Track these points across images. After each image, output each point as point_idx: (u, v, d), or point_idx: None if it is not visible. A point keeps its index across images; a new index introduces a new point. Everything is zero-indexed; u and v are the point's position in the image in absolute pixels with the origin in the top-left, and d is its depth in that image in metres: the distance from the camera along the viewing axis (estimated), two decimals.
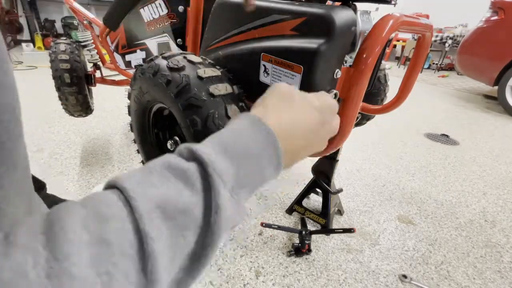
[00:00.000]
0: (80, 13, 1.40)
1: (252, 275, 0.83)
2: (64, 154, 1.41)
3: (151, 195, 0.21)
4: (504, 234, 1.11)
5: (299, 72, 0.44)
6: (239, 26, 0.53)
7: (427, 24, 0.64)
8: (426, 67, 5.85)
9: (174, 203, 0.21)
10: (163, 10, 0.94)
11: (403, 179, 1.45)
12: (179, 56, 0.55)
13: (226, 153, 0.25)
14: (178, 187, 0.22)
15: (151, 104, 0.68)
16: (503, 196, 1.37)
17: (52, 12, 4.95)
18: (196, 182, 0.23)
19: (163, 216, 0.20)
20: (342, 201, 1.19)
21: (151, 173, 0.23)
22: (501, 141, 2.10)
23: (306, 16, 0.43)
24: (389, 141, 1.92)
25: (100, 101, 2.18)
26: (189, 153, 0.24)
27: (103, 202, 0.20)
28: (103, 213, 0.19)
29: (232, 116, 0.51)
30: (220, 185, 0.23)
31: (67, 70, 1.24)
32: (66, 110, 1.41)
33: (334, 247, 0.96)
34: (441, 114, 2.70)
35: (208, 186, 0.23)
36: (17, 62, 3.46)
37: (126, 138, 1.65)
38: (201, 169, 0.23)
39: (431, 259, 0.95)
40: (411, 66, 0.74)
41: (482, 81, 3.20)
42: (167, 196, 0.21)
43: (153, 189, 0.21)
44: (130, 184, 0.21)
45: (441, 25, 5.40)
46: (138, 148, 0.84)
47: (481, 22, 3.02)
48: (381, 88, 1.07)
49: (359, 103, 0.54)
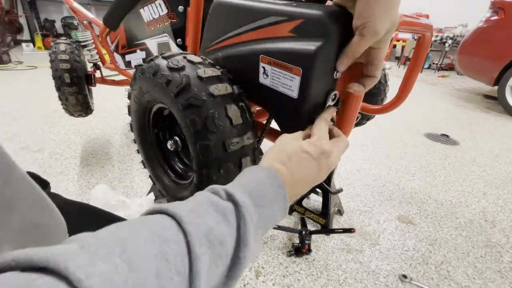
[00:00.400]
0: (80, 13, 1.40)
1: (252, 275, 0.83)
2: (64, 154, 1.41)
3: (199, 223, 0.24)
4: (504, 234, 1.11)
5: (298, 74, 0.44)
6: (237, 28, 0.53)
7: (427, 24, 0.64)
8: (426, 67, 5.85)
9: (215, 233, 0.25)
10: (163, 10, 0.94)
11: (403, 179, 1.45)
12: (179, 56, 0.55)
13: (253, 199, 0.30)
14: (218, 221, 0.26)
15: (151, 104, 0.68)
16: (503, 196, 1.37)
17: (52, 12, 4.96)
18: (232, 219, 0.27)
19: (208, 243, 0.24)
20: (342, 201, 1.19)
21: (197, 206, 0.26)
22: (501, 141, 2.10)
23: (304, 18, 0.43)
24: (389, 141, 1.92)
25: (100, 101, 2.18)
26: (226, 195, 0.29)
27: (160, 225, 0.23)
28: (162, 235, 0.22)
29: (232, 116, 0.51)
30: (251, 225, 0.27)
31: (67, 70, 1.24)
32: (66, 110, 1.41)
33: (334, 247, 0.96)
34: (441, 114, 2.70)
35: (241, 224, 0.27)
36: (17, 62, 3.46)
37: (126, 138, 1.65)
38: (236, 209, 0.28)
39: (431, 259, 0.95)
40: (411, 66, 0.74)
41: (482, 81, 3.20)
42: (211, 227, 0.25)
43: (200, 219, 0.25)
44: (181, 212, 0.25)
45: (441, 25, 5.40)
46: (138, 148, 0.84)
47: (481, 22, 3.02)
48: (381, 88, 1.07)
49: (359, 103, 0.54)
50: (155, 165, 0.82)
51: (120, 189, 1.18)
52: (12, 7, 4.48)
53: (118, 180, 1.24)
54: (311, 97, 0.45)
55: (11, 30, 4.47)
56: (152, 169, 0.82)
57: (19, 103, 2.06)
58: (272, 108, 0.56)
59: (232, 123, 0.51)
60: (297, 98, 0.47)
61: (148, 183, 1.21)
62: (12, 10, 4.47)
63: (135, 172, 1.31)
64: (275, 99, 0.51)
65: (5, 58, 3.35)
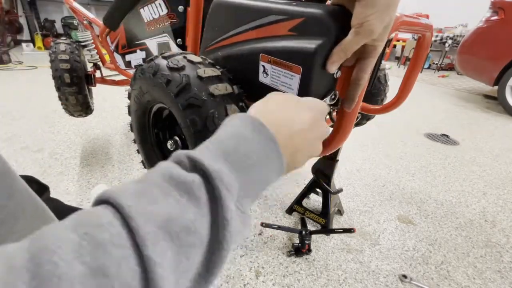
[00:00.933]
0: (80, 13, 1.40)
1: (252, 275, 0.83)
2: (64, 154, 1.41)
3: (152, 213, 0.18)
4: (504, 234, 1.11)
5: (298, 73, 0.44)
6: (237, 27, 0.53)
7: (427, 24, 0.64)
8: (426, 67, 5.85)
9: (177, 221, 0.19)
10: (163, 10, 0.94)
11: (403, 179, 1.45)
12: (179, 56, 0.55)
13: (230, 163, 0.23)
14: (182, 202, 0.20)
15: (151, 104, 0.68)
16: (503, 196, 1.37)
17: (52, 12, 4.96)
18: (201, 196, 0.21)
19: (166, 237, 0.18)
20: (342, 201, 1.19)
21: (150, 187, 0.20)
22: (501, 141, 2.10)
23: (304, 16, 0.43)
24: (389, 141, 1.92)
25: (100, 101, 2.19)
26: (191, 163, 0.22)
27: (96, 223, 0.17)
28: (98, 238, 0.16)
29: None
30: (228, 199, 0.21)
31: (67, 70, 1.24)
32: (66, 110, 1.41)
33: (334, 247, 0.96)
34: (441, 114, 2.70)
35: (214, 200, 0.21)
36: (17, 62, 3.46)
37: (126, 138, 1.65)
38: (206, 181, 0.21)
39: (431, 259, 0.95)
40: (411, 66, 0.74)
41: (482, 81, 3.19)
42: (170, 213, 0.19)
43: (154, 205, 0.19)
44: (127, 200, 0.18)
45: (441, 25, 5.40)
46: (138, 148, 0.84)
47: (481, 22, 3.02)
48: (381, 88, 1.07)
49: (359, 103, 0.54)
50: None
51: None
52: (12, 7, 4.48)
53: (118, 180, 1.24)
54: (311, 95, 0.45)
55: (11, 30, 4.47)
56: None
57: (19, 103, 2.06)
58: None
59: None
60: None
61: None
62: (12, 10, 4.47)
63: (135, 172, 1.31)
64: None
65: (5, 58, 3.35)
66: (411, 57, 0.73)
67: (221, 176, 0.22)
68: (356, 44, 0.37)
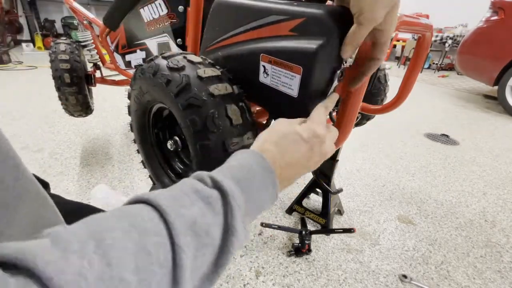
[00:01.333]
0: (80, 13, 1.40)
1: (252, 275, 0.83)
2: (64, 154, 1.41)
3: (183, 214, 0.23)
4: (504, 234, 1.11)
5: (299, 73, 0.44)
6: (237, 27, 0.53)
7: (427, 24, 0.64)
8: (426, 67, 5.85)
9: (200, 223, 0.24)
10: (163, 10, 0.94)
11: (403, 179, 1.45)
12: (179, 56, 0.55)
13: (240, 187, 0.29)
14: (203, 210, 0.25)
15: (151, 104, 0.68)
16: (503, 196, 1.37)
17: (52, 12, 4.96)
18: (218, 207, 0.26)
19: (192, 234, 0.23)
20: (342, 201, 1.19)
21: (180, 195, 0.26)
22: (501, 141, 2.10)
23: (305, 17, 0.43)
24: (389, 141, 1.92)
25: (100, 101, 2.19)
26: (212, 182, 0.28)
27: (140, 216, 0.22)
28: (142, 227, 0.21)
29: (232, 116, 0.51)
30: (238, 212, 0.27)
31: (67, 70, 1.24)
32: (66, 110, 1.41)
33: (334, 247, 0.96)
34: (441, 114, 2.70)
35: (227, 212, 0.26)
36: (17, 62, 3.46)
37: (126, 138, 1.65)
38: (222, 197, 0.27)
39: (431, 259, 0.95)
40: (411, 66, 0.74)
41: (482, 81, 3.19)
42: (195, 217, 0.24)
43: (183, 209, 0.24)
44: (164, 202, 0.24)
45: (441, 25, 5.40)
46: (138, 148, 0.84)
47: (481, 22, 3.02)
48: (381, 88, 1.07)
49: (359, 102, 0.54)
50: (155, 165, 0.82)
51: (120, 189, 1.18)
52: (12, 7, 4.48)
53: (118, 180, 1.24)
54: (311, 96, 0.45)
55: (11, 30, 4.47)
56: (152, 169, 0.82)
57: (19, 103, 2.06)
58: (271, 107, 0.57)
59: (232, 123, 0.51)
60: (297, 97, 0.47)
61: (148, 183, 1.20)
62: (12, 10, 4.47)
63: (135, 172, 1.31)
64: (275, 98, 0.51)
65: (5, 58, 3.35)
66: (411, 57, 0.73)
67: (234, 195, 0.27)
68: (360, 34, 0.38)
